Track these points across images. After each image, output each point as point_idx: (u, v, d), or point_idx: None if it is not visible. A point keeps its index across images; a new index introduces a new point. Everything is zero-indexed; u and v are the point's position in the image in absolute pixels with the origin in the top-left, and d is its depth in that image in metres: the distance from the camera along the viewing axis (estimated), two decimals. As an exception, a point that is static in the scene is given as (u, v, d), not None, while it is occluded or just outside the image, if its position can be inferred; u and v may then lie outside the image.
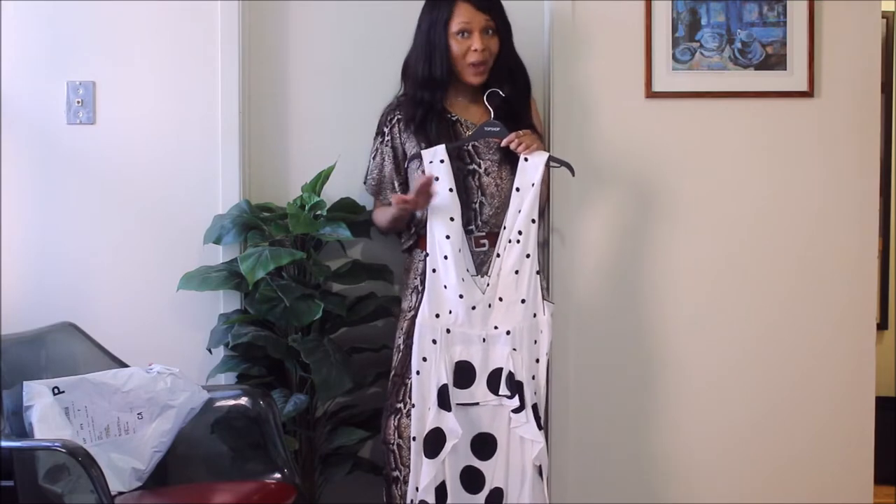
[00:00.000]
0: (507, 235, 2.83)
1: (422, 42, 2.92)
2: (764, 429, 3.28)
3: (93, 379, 2.71)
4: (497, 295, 2.82)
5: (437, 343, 2.78)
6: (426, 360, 2.79)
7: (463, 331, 2.79)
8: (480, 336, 2.80)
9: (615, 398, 3.28)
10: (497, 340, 2.81)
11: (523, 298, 2.81)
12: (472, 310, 2.80)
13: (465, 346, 2.80)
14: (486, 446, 2.81)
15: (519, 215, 2.82)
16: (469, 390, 2.80)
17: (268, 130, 3.28)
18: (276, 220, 3.07)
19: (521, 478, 2.80)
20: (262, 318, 3.02)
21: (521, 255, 2.81)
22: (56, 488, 2.52)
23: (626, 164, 3.24)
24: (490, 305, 2.81)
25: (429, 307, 2.80)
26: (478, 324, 2.80)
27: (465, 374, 2.80)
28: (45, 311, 3.06)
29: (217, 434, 2.87)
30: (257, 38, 3.26)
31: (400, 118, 2.97)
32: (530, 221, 2.82)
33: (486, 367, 2.81)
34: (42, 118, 3.19)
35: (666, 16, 3.23)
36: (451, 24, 2.87)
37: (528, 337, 2.81)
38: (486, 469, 2.81)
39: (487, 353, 2.81)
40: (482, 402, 2.80)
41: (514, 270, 2.81)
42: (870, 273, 3.32)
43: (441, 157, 2.83)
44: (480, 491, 2.81)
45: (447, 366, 2.77)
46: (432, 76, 2.90)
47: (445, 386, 2.76)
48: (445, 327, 2.79)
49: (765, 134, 3.26)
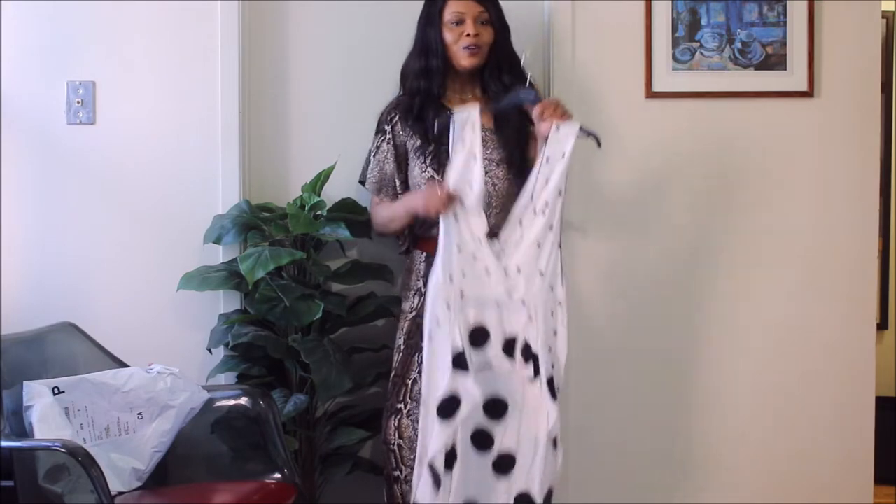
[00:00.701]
0: (532, 205, 2.75)
1: (418, 38, 2.95)
2: (764, 428, 3.29)
3: (93, 379, 2.71)
4: (515, 264, 2.74)
5: (450, 308, 2.71)
6: (440, 325, 2.71)
7: (477, 293, 2.72)
8: (495, 300, 2.73)
9: (615, 398, 3.28)
10: (510, 307, 2.73)
11: (542, 271, 2.74)
12: (487, 274, 2.73)
13: (479, 310, 2.73)
14: (497, 408, 2.74)
15: (547, 186, 2.73)
16: (483, 351, 2.72)
17: (268, 130, 3.28)
18: (276, 220, 3.07)
19: (534, 448, 2.72)
20: (262, 318, 3.02)
21: (545, 228, 2.73)
22: (56, 488, 2.52)
23: (625, 163, 3.25)
24: (506, 273, 2.74)
25: (442, 271, 2.71)
26: (492, 289, 2.73)
27: (479, 338, 2.73)
28: (45, 311, 3.06)
29: (217, 434, 2.87)
30: (257, 38, 3.26)
31: (400, 116, 2.97)
32: (557, 194, 2.73)
33: (501, 332, 2.73)
34: (42, 118, 3.18)
35: (666, 16, 3.23)
36: (444, 14, 2.90)
37: (543, 308, 2.74)
38: (496, 430, 2.73)
39: (502, 318, 2.73)
40: (496, 367, 2.73)
41: (536, 243, 2.74)
42: (870, 273, 3.32)
43: (473, 121, 2.75)
44: (489, 451, 2.73)
45: (461, 330, 2.70)
46: (428, 66, 2.92)
47: (462, 353, 2.68)
48: (459, 291, 2.72)
49: (765, 134, 3.26)
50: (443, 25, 2.90)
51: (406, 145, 2.98)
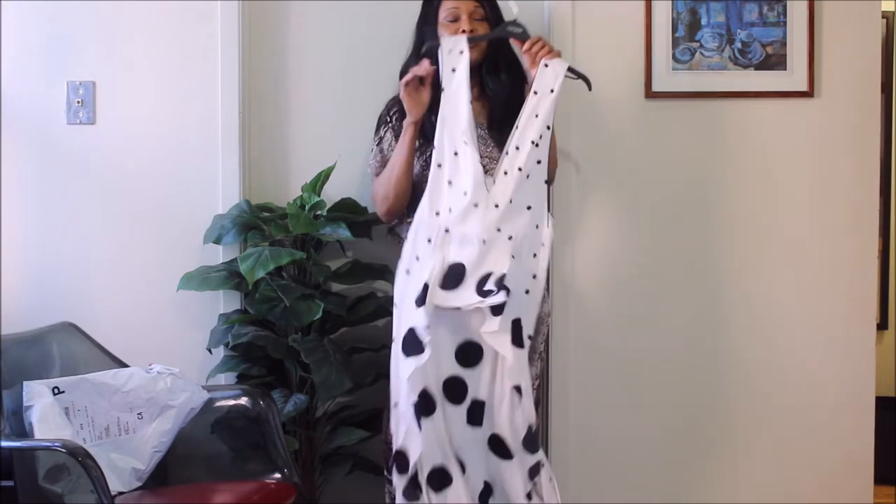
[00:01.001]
0: (522, 135, 2.69)
1: (416, 38, 2.95)
2: (764, 428, 3.28)
3: (93, 379, 2.71)
4: (506, 196, 2.66)
5: (431, 242, 2.64)
6: (419, 259, 2.64)
7: (463, 230, 2.64)
8: (480, 237, 2.63)
9: (614, 398, 3.28)
10: (497, 244, 2.64)
11: (529, 205, 2.68)
12: (475, 207, 2.64)
13: (460, 247, 2.64)
14: (471, 354, 2.65)
15: (536, 119, 2.69)
16: (454, 292, 2.61)
17: (268, 130, 3.28)
18: (276, 220, 3.07)
19: (501, 394, 2.64)
20: (262, 318, 3.02)
21: (534, 161, 2.68)
22: (56, 488, 2.52)
23: (625, 164, 3.24)
24: (497, 206, 2.65)
25: (429, 204, 2.66)
26: (480, 224, 2.64)
27: (454, 276, 2.62)
28: (45, 311, 3.06)
29: (217, 434, 2.87)
30: (257, 38, 3.26)
31: (399, 111, 2.97)
32: (546, 128, 2.69)
33: (478, 269, 2.62)
34: (42, 118, 3.19)
35: (666, 16, 3.23)
36: (440, 12, 2.90)
37: (527, 247, 2.68)
38: (470, 378, 2.65)
39: (484, 257, 2.63)
40: (464, 307, 2.60)
41: (526, 174, 2.67)
42: (870, 273, 3.32)
43: (461, 48, 2.71)
44: (463, 401, 2.65)
45: (436, 267, 2.61)
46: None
47: (426, 286, 2.58)
48: (444, 227, 2.65)
49: (765, 134, 3.26)
50: (438, 24, 2.90)
51: None
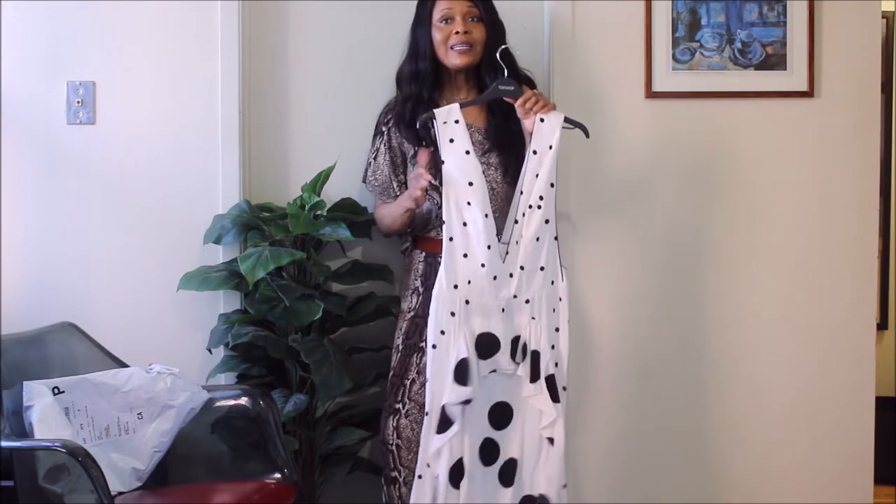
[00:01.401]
0: (527, 201, 2.72)
1: (410, 41, 2.94)
2: (764, 428, 3.28)
3: (93, 379, 2.71)
4: (518, 263, 2.72)
5: (455, 315, 2.68)
6: (444, 334, 2.68)
7: (483, 302, 2.70)
8: (499, 306, 2.71)
9: (614, 398, 3.28)
10: (516, 309, 2.73)
11: (542, 266, 2.73)
12: (494, 280, 2.70)
13: (484, 318, 2.70)
14: (502, 416, 2.74)
15: (537, 180, 2.72)
16: (493, 359, 2.71)
17: (268, 130, 3.28)
18: (276, 220, 3.07)
19: (538, 448, 2.74)
20: (262, 318, 3.02)
21: (541, 222, 2.72)
22: (56, 488, 2.52)
23: (626, 164, 3.24)
24: (511, 275, 2.72)
25: (446, 278, 2.69)
26: (499, 294, 2.71)
27: (488, 345, 2.71)
28: (45, 311, 3.06)
29: (217, 434, 2.87)
30: (257, 38, 3.26)
31: (393, 120, 2.97)
32: (549, 186, 2.72)
33: (508, 337, 2.72)
34: (42, 118, 3.18)
35: (666, 16, 3.23)
36: (433, 13, 2.88)
37: (546, 305, 2.74)
38: (502, 439, 2.74)
39: (510, 323, 2.72)
40: (499, 371, 2.72)
41: (535, 238, 2.72)
42: (870, 273, 3.32)
43: (455, 118, 2.73)
44: (495, 462, 2.75)
45: (467, 339, 2.69)
46: (419, 69, 2.90)
47: (465, 360, 2.67)
48: (465, 298, 2.70)
49: (765, 134, 3.26)
50: (432, 26, 2.88)
51: (402, 147, 2.97)
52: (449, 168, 2.71)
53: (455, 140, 2.72)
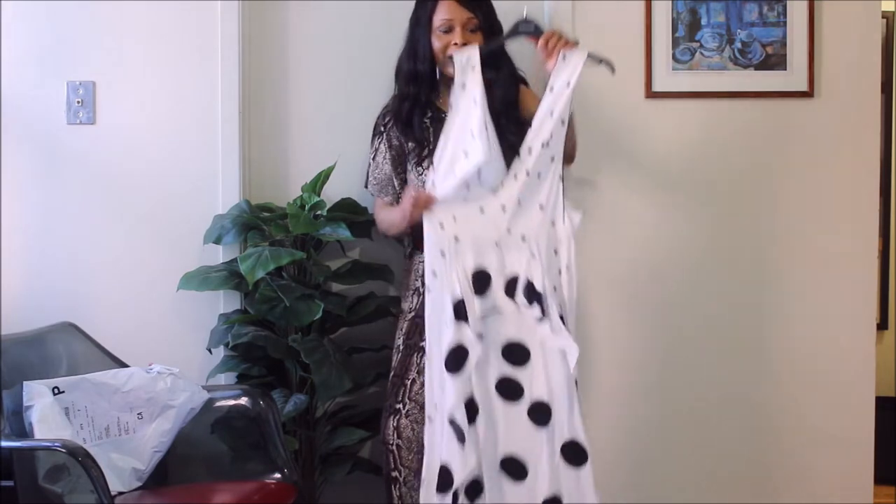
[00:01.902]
0: (536, 137, 2.65)
1: (409, 39, 2.94)
2: (764, 428, 3.28)
3: (93, 379, 2.72)
4: (515, 197, 2.63)
5: (445, 255, 2.60)
6: (436, 276, 2.61)
7: (472, 235, 2.62)
8: (493, 240, 2.63)
9: (614, 398, 3.28)
10: (513, 246, 2.63)
11: (542, 204, 2.64)
12: (481, 212, 2.62)
13: (477, 255, 2.62)
14: (518, 353, 2.64)
15: (551, 117, 2.64)
16: (487, 297, 2.63)
17: (268, 130, 3.28)
18: (276, 220, 3.07)
19: (569, 394, 2.60)
20: (262, 318, 3.02)
21: (548, 159, 2.63)
22: (56, 488, 2.52)
23: (626, 164, 3.24)
24: (504, 207, 2.64)
25: (431, 218, 2.63)
26: (489, 227, 2.63)
27: (482, 282, 2.62)
28: (45, 311, 3.06)
29: (217, 434, 2.88)
30: (257, 38, 3.26)
31: (391, 120, 2.97)
32: (560, 124, 2.64)
33: (502, 272, 2.63)
34: (42, 118, 3.18)
35: (666, 16, 3.23)
36: (433, 20, 2.87)
37: (546, 245, 2.63)
38: (523, 377, 2.63)
39: (502, 258, 2.63)
40: (502, 309, 2.62)
41: (536, 174, 2.63)
42: (870, 273, 3.32)
43: (473, 63, 2.68)
44: (520, 398, 2.63)
45: (461, 277, 2.60)
46: (417, 71, 2.91)
47: (461, 301, 2.58)
48: (453, 235, 2.62)
49: (765, 134, 3.26)
50: (432, 31, 2.88)
51: (402, 146, 2.97)
52: (455, 113, 2.67)
53: (467, 86, 2.67)
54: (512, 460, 2.65)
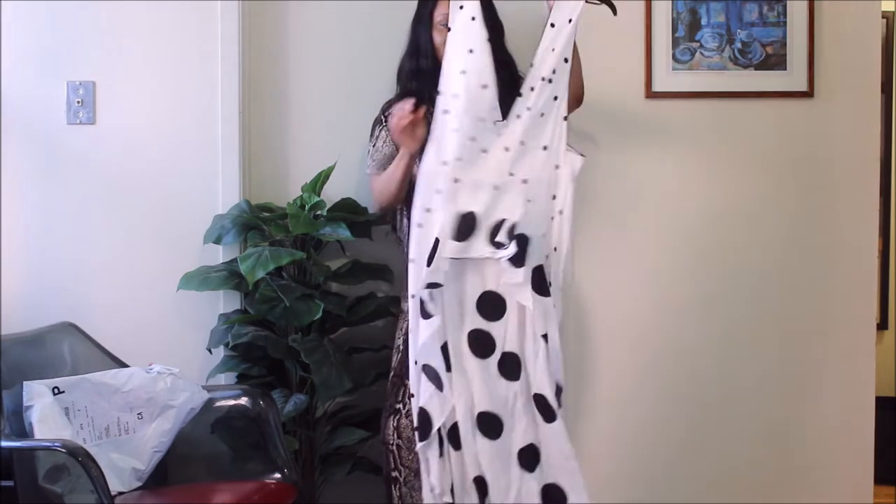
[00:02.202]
0: (538, 74, 2.57)
1: (411, 38, 2.96)
2: (764, 428, 3.29)
3: (93, 379, 2.72)
4: (518, 138, 2.56)
5: (441, 193, 2.54)
6: (429, 212, 2.55)
7: (472, 178, 2.54)
8: (493, 183, 2.55)
9: (613, 398, 3.28)
10: (510, 188, 2.56)
11: (545, 145, 2.57)
12: (483, 153, 2.55)
13: (472, 195, 2.55)
14: (493, 306, 2.59)
15: (552, 53, 2.57)
16: (465, 243, 2.56)
17: (268, 130, 3.28)
18: (276, 220, 3.07)
19: (535, 343, 2.58)
20: (262, 318, 3.02)
21: (550, 97, 2.56)
22: (56, 488, 2.52)
23: (625, 164, 3.25)
24: (507, 149, 2.56)
25: (435, 153, 2.55)
26: (491, 169, 2.56)
27: (465, 225, 2.56)
28: (45, 311, 3.06)
29: (217, 434, 2.87)
30: (257, 38, 3.26)
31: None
32: (563, 61, 2.57)
33: (490, 216, 2.56)
34: (42, 118, 3.18)
35: (666, 16, 3.23)
36: (434, 16, 2.90)
37: (546, 190, 2.57)
38: (496, 330, 2.59)
39: (496, 203, 2.55)
40: (478, 257, 2.57)
41: (539, 113, 2.56)
42: (870, 273, 3.32)
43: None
44: (491, 355, 2.60)
45: (446, 219, 2.54)
46: (419, 67, 2.92)
47: (437, 240, 2.53)
48: (453, 177, 2.54)
49: (765, 134, 3.26)
50: (433, 27, 2.90)
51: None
52: (453, 35, 2.59)
53: (465, 7, 2.58)
54: (487, 415, 2.62)
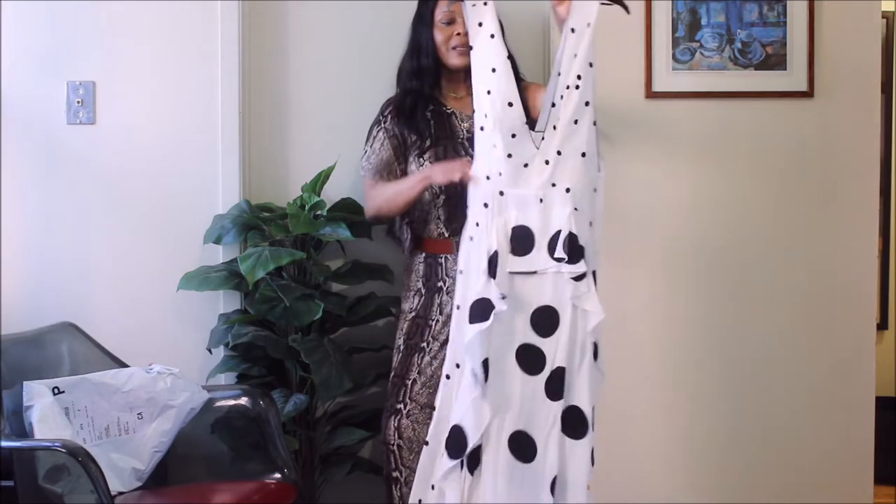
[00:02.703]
0: (564, 82, 2.60)
1: (411, 38, 2.96)
2: (764, 428, 3.28)
3: (93, 379, 2.72)
4: (555, 149, 2.59)
5: (489, 207, 2.58)
6: (479, 226, 2.59)
7: (517, 192, 2.58)
8: (537, 196, 2.59)
9: (614, 400, 3.28)
10: (555, 199, 2.59)
11: (584, 152, 2.59)
12: (525, 167, 2.58)
13: (521, 210, 2.58)
14: (547, 321, 2.59)
15: (575, 59, 2.60)
16: (528, 257, 2.58)
17: (268, 130, 3.28)
18: (276, 220, 3.07)
19: (581, 355, 2.58)
20: (262, 318, 3.02)
21: (580, 104, 2.59)
22: (56, 488, 2.52)
23: (626, 164, 3.24)
24: (547, 161, 2.59)
25: (480, 168, 2.61)
26: (533, 183, 2.59)
27: (523, 239, 2.58)
28: (45, 311, 3.06)
29: (217, 434, 2.88)
30: (257, 38, 3.26)
31: (392, 113, 2.97)
32: (588, 65, 2.60)
33: (546, 230, 2.58)
34: (42, 118, 3.19)
35: (666, 16, 3.23)
36: (435, 13, 2.91)
37: (589, 196, 2.61)
38: (548, 347, 2.58)
39: (547, 215, 2.58)
40: (541, 271, 2.58)
41: (573, 120, 2.59)
42: (870, 273, 3.32)
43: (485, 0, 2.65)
44: (541, 371, 2.58)
45: (499, 231, 2.57)
46: (420, 66, 2.93)
47: (496, 253, 2.55)
48: (498, 190, 2.58)
49: (765, 134, 3.26)
50: (434, 25, 2.91)
51: (403, 136, 2.97)
52: (475, 54, 2.65)
53: (483, 24, 2.64)
54: (521, 436, 2.59)
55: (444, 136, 2.90)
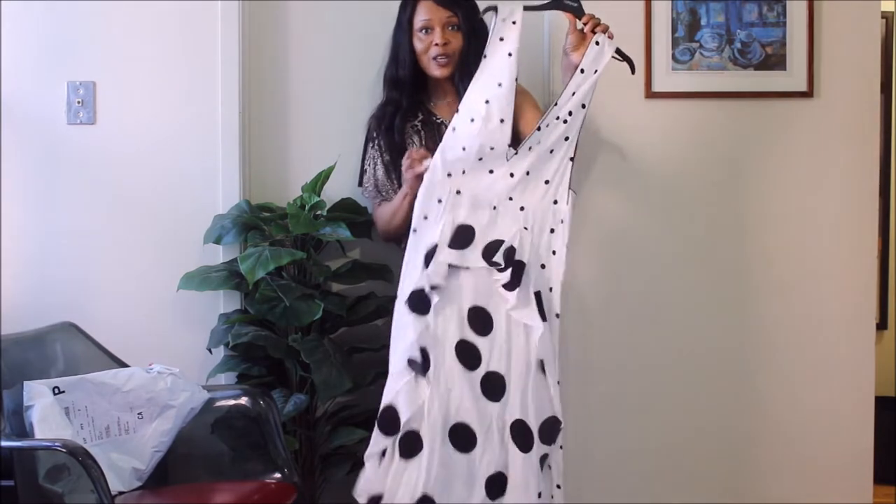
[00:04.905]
0: (556, 112, 2.69)
1: (392, 45, 2.96)
2: (764, 428, 3.28)
3: (93, 379, 2.72)
4: (524, 168, 2.66)
5: (442, 203, 2.64)
6: (427, 219, 2.64)
7: (473, 194, 2.65)
8: (492, 203, 2.65)
9: (612, 396, 3.28)
10: (509, 213, 2.66)
11: (547, 179, 2.68)
12: (490, 173, 2.65)
13: (471, 211, 2.65)
14: (480, 322, 2.63)
15: (572, 98, 2.69)
16: (462, 252, 2.63)
17: (268, 130, 3.28)
18: (276, 220, 3.07)
19: (526, 371, 2.62)
20: (262, 318, 3.02)
21: (561, 137, 2.68)
22: (56, 488, 2.52)
23: (625, 164, 3.25)
24: (512, 175, 2.66)
25: (441, 165, 2.65)
26: (493, 189, 2.65)
27: (462, 236, 2.64)
28: (45, 311, 3.06)
29: (217, 434, 2.88)
30: (257, 38, 3.26)
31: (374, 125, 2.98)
32: (581, 106, 2.69)
33: (488, 235, 2.65)
34: (42, 118, 3.18)
35: (666, 16, 3.24)
36: (413, 22, 2.89)
37: (540, 221, 2.67)
38: (483, 346, 2.63)
39: (494, 222, 2.65)
40: (473, 268, 2.63)
41: (549, 149, 2.67)
42: (870, 273, 3.32)
43: (514, 19, 2.70)
44: (477, 368, 2.62)
45: (445, 227, 2.62)
46: (399, 75, 2.93)
47: (436, 246, 2.61)
48: (456, 188, 2.64)
49: (765, 134, 3.26)
50: (413, 34, 2.89)
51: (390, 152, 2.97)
52: (488, 63, 2.69)
53: (504, 40, 2.69)
54: (462, 427, 2.62)
55: (434, 148, 2.88)
